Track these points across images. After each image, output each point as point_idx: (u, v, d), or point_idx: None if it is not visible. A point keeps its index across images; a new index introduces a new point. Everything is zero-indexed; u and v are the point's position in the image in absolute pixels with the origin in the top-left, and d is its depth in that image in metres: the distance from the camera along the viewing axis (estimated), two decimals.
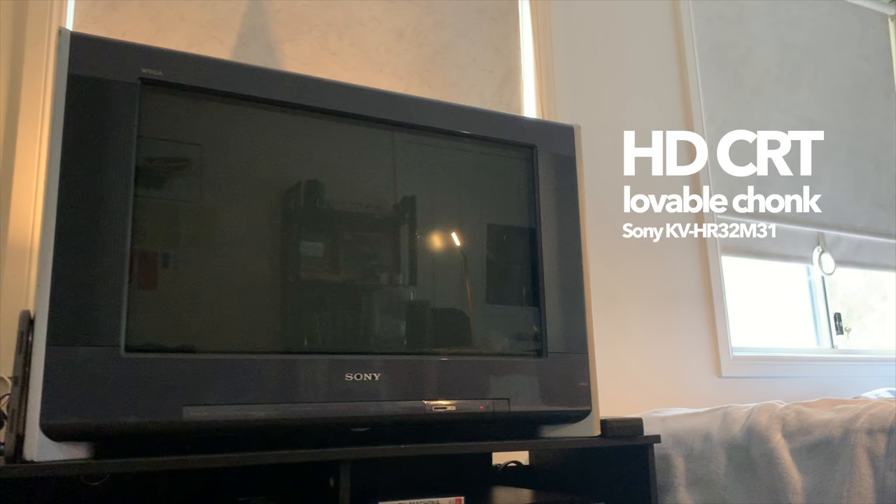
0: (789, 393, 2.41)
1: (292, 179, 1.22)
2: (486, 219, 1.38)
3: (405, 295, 1.26)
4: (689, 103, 2.47)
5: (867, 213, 2.90)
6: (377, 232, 1.27)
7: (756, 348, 2.52)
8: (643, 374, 2.16)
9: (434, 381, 1.23)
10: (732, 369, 2.31)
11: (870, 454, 1.12)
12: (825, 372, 2.54)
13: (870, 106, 3.02)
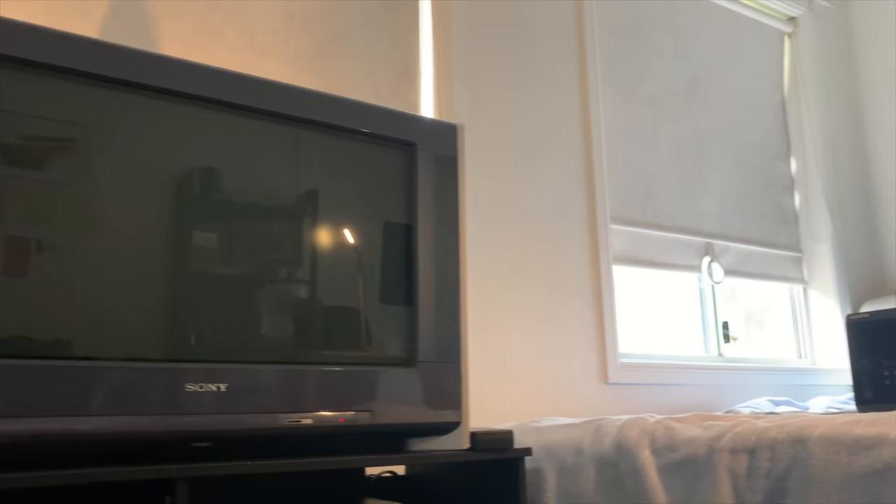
0: (676, 400, 2.44)
1: (152, 168, 1.10)
2: (358, 219, 1.30)
3: (259, 299, 1.17)
4: (588, 110, 2.46)
5: (755, 224, 2.97)
6: (233, 229, 1.17)
7: (643, 355, 2.54)
8: (530, 380, 2.13)
9: (289, 392, 1.14)
10: (619, 376, 2.31)
11: (731, 474, 1.11)
12: (712, 380, 2.59)
13: (760, 121, 3.10)
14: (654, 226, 2.65)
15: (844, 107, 3.31)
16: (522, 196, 2.24)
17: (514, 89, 2.31)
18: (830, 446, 1.01)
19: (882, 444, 0.96)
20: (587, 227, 2.38)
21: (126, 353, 1.04)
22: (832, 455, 1.00)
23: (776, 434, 1.09)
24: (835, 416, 1.09)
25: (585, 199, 2.40)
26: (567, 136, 2.40)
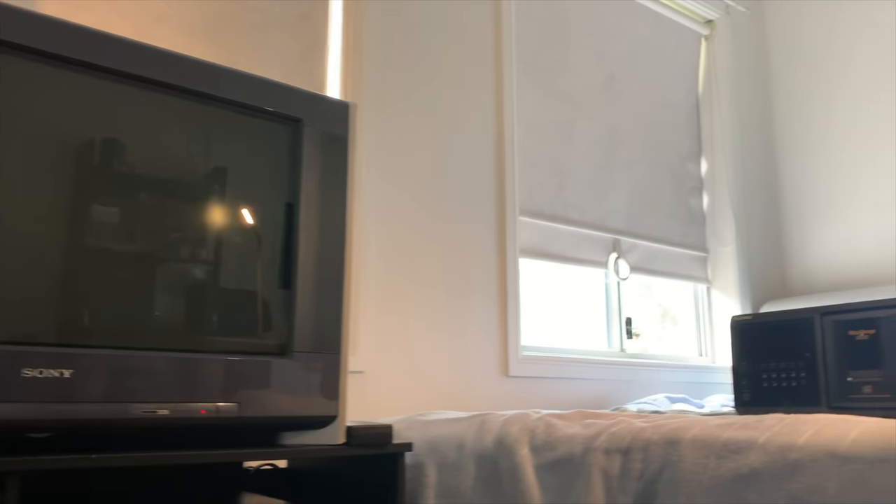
0: (577, 394, 2.44)
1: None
2: (233, 196, 1.22)
3: (111, 278, 1.07)
4: (502, 99, 2.42)
5: (663, 223, 3.01)
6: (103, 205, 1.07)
7: (546, 349, 2.54)
8: (429, 372, 2.09)
9: (143, 380, 1.06)
10: (520, 369, 2.29)
11: (605, 475, 1.09)
12: (613, 375, 2.61)
13: (674, 121, 3.14)
14: (564, 220, 2.65)
15: (755, 111, 3.38)
16: (430, 183, 2.19)
17: (426, 73, 2.25)
18: (701, 449, 1.00)
19: (750, 449, 0.95)
20: (495, 219, 2.35)
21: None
22: (702, 459, 0.99)
23: (650, 435, 1.07)
24: (710, 419, 1.08)
25: (495, 190, 2.36)
26: (479, 124, 2.36)
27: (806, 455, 0.90)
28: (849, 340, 1.11)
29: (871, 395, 1.07)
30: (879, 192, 3.01)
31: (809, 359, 1.15)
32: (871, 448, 0.86)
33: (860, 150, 3.09)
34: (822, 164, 3.20)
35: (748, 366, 1.21)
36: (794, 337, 1.17)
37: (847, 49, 3.18)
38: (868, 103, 3.09)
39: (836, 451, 0.88)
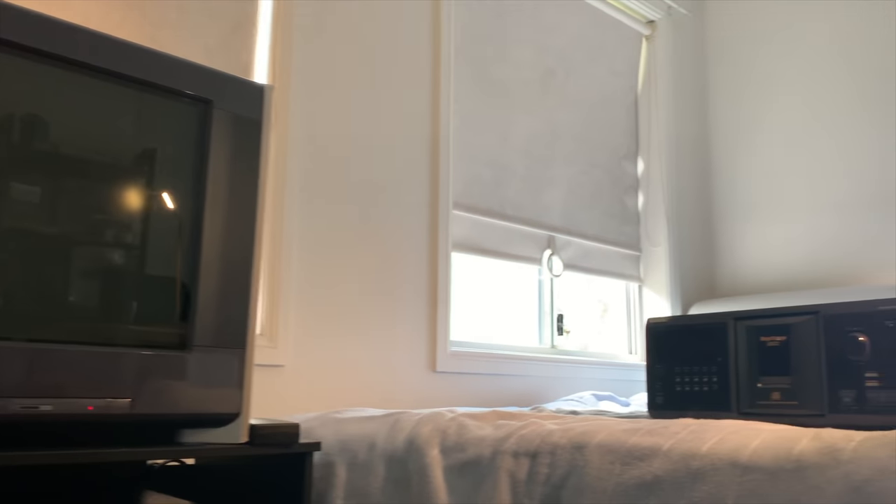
0: (506, 390, 2.42)
1: None
2: (139, 180, 1.15)
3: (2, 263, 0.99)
4: (438, 90, 2.38)
5: (598, 221, 3.02)
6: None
7: (475, 344, 2.52)
8: (354, 367, 2.04)
9: (25, 373, 0.98)
10: (448, 365, 2.26)
11: (512, 478, 1.06)
12: (542, 371, 2.60)
13: (612, 120, 3.15)
14: (501, 216, 2.62)
15: (692, 113, 3.42)
16: (360, 173, 2.13)
17: (359, 60, 2.19)
18: (606, 455, 0.98)
19: (654, 455, 0.94)
20: (428, 212, 2.31)
21: None
22: (607, 465, 0.97)
23: (558, 439, 1.05)
24: (618, 423, 1.06)
25: (428, 182, 2.32)
26: (414, 114, 2.31)
27: (708, 464, 0.89)
28: (760, 346, 1.10)
29: (778, 401, 1.07)
30: (811, 196, 3.08)
31: (722, 364, 1.14)
32: (771, 458, 0.85)
33: (792, 155, 3.15)
34: (754, 167, 3.26)
35: (662, 369, 1.20)
36: (708, 341, 1.17)
37: (782, 55, 3.24)
38: (799, 110, 3.15)
39: (737, 460, 0.87)
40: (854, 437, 0.83)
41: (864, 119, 2.96)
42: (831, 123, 3.05)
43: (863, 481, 0.78)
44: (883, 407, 0.98)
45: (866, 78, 2.98)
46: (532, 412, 1.47)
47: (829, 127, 3.05)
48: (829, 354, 1.04)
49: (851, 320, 1.02)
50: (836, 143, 3.02)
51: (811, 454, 0.83)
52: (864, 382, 1.00)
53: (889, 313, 0.99)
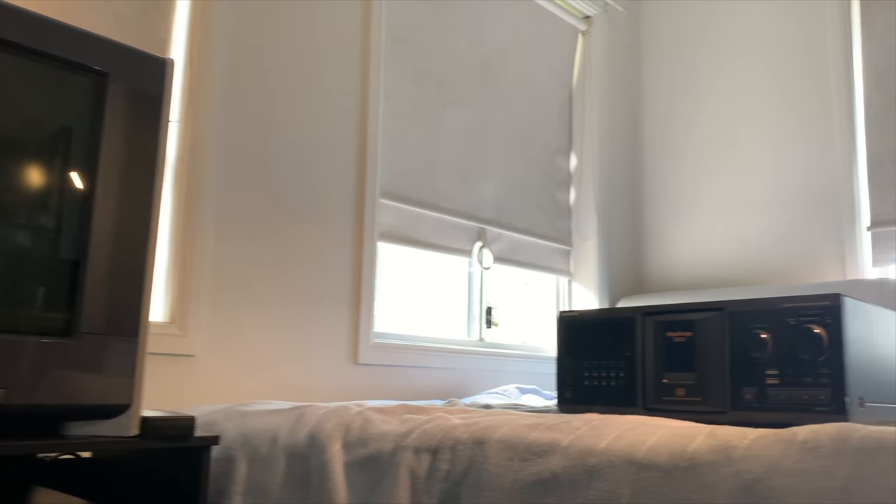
0: (430, 383, 2.39)
1: None
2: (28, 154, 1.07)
3: None
4: (368, 76, 2.33)
5: (530, 215, 3.01)
6: None
7: (399, 336, 2.48)
8: (272, 357, 1.98)
9: None
10: (370, 357, 2.22)
11: (412, 475, 1.03)
12: (468, 364, 2.58)
13: (546, 114, 3.15)
14: (431, 206, 2.59)
15: (625, 110, 3.45)
16: (283, 159, 2.06)
17: (286, 40, 2.12)
18: (506, 451, 0.95)
19: (553, 451, 0.92)
20: (354, 201, 2.25)
21: None
22: (506, 461, 0.95)
23: (460, 434, 1.02)
24: (523, 418, 1.04)
25: (355, 170, 2.27)
26: (342, 101, 2.25)
27: (605, 461, 0.87)
28: (667, 342, 1.10)
29: (683, 397, 1.06)
30: (739, 195, 3.13)
31: (629, 358, 1.13)
32: (666, 456, 0.83)
33: (721, 153, 3.20)
34: (684, 165, 3.30)
35: (572, 363, 1.19)
36: (617, 336, 1.15)
37: (714, 55, 3.28)
38: (730, 109, 3.20)
39: (633, 457, 0.85)
40: (748, 434, 0.82)
41: (792, 120, 3.03)
42: (760, 123, 3.11)
43: (753, 479, 0.77)
44: (782, 405, 0.98)
45: (794, 79, 3.04)
46: (444, 406, 1.44)
47: (758, 127, 3.11)
48: (733, 351, 1.03)
49: (755, 317, 1.02)
50: (764, 142, 3.08)
51: (705, 452, 0.81)
52: (765, 380, 1.00)
53: (791, 311, 0.99)
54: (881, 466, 0.71)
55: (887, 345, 1.04)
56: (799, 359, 0.97)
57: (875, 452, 0.72)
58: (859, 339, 0.97)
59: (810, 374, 0.96)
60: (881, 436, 0.74)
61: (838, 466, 0.73)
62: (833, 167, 2.89)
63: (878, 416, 0.99)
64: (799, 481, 0.74)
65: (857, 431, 0.75)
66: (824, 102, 2.94)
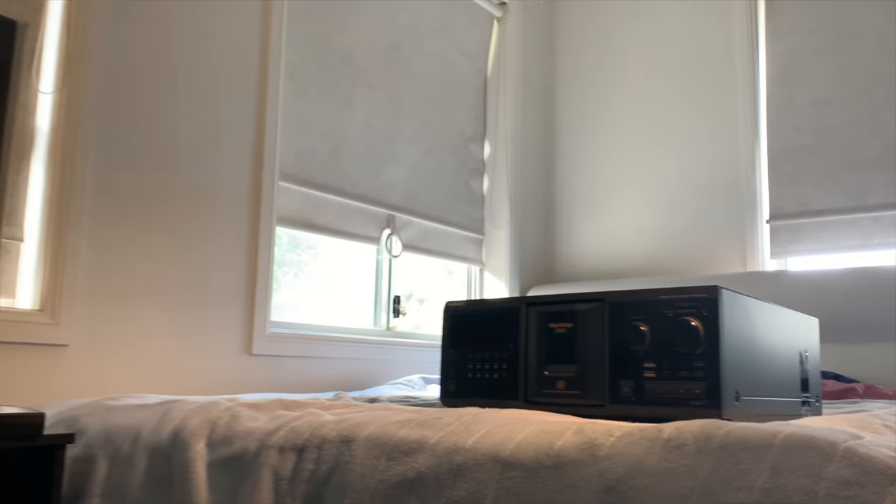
0: (331, 374, 2.32)
1: None
2: None
3: None
4: (268, 52, 2.22)
5: (442, 202, 2.97)
6: None
7: (299, 325, 2.39)
8: (156, 347, 1.87)
9: None
10: (266, 347, 2.13)
11: (275, 475, 0.96)
12: (372, 354, 2.52)
13: (460, 100, 3.10)
14: (336, 190, 2.51)
15: (539, 99, 3.43)
16: (171, 137, 1.94)
17: (179, 11, 2.00)
18: (373, 449, 0.90)
19: (420, 450, 0.87)
20: (250, 183, 2.15)
21: None
22: (372, 460, 0.89)
23: (328, 432, 0.96)
24: (397, 413, 0.99)
25: (252, 151, 2.17)
26: (238, 77, 2.14)
27: (471, 459, 0.82)
28: (549, 333, 1.06)
29: (563, 390, 1.03)
30: (648, 187, 3.16)
31: (512, 350, 1.09)
32: (532, 454, 0.80)
33: (631, 146, 3.23)
34: (595, 157, 3.32)
35: (456, 354, 1.14)
36: (502, 327, 1.11)
37: (626, 49, 3.30)
38: (640, 103, 3.23)
39: (498, 455, 0.81)
40: (614, 431, 0.79)
41: (699, 115, 3.07)
42: (669, 118, 3.14)
43: (616, 479, 0.73)
44: (658, 398, 0.95)
45: (702, 75, 3.09)
46: (328, 400, 1.38)
47: (667, 121, 3.15)
48: (612, 343, 1.01)
49: (634, 309, 1.00)
50: (673, 137, 3.12)
51: (570, 450, 0.78)
52: (643, 373, 0.97)
53: (669, 303, 0.96)
54: (743, 465, 0.68)
55: (765, 338, 1.04)
56: (676, 352, 0.95)
57: (737, 450, 0.70)
58: (736, 332, 0.95)
59: (686, 368, 0.94)
60: (744, 433, 0.71)
61: (700, 465, 0.70)
62: (737, 162, 2.95)
63: (754, 410, 0.98)
64: (661, 481, 0.71)
65: (720, 428, 0.73)
66: (730, 99, 3.00)
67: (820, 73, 2.80)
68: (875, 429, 0.90)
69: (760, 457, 0.68)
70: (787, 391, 1.09)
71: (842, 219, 2.69)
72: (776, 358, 1.07)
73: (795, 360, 1.13)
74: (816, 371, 1.22)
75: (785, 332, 1.11)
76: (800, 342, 1.16)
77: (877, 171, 2.63)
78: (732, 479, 0.68)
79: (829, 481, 0.64)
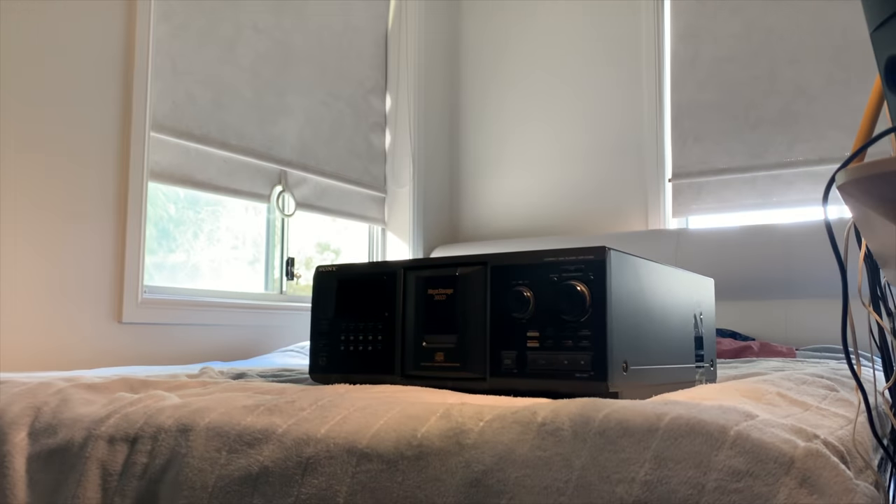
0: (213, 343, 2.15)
1: None
2: None
3: None
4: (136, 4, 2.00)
5: (340, 158, 2.81)
6: None
7: (178, 290, 2.21)
8: (10, 315, 1.66)
9: None
10: (139, 314, 1.95)
11: (104, 471, 0.82)
12: (264, 320, 2.37)
13: (359, 49, 2.92)
14: (220, 143, 2.31)
15: (443, 52, 3.29)
16: (24, 80, 1.71)
17: None
18: (213, 440, 0.77)
19: (267, 440, 0.75)
20: (118, 134, 1.94)
21: None
22: (213, 453, 0.76)
23: (165, 419, 0.82)
24: (247, 396, 0.86)
25: (120, 98, 1.95)
26: (102, 18, 1.91)
27: (323, 450, 0.71)
28: (428, 300, 0.95)
29: (442, 363, 0.93)
30: (553, 146, 3.09)
31: (388, 320, 0.98)
32: (392, 444, 0.69)
33: (537, 104, 3.14)
34: (500, 115, 3.22)
35: (327, 325, 1.02)
36: (377, 293, 1.00)
37: (532, 7, 3.19)
38: (546, 60, 3.13)
39: (354, 445, 0.70)
40: (485, 414, 0.69)
41: (605, 72, 3.00)
42: (574, 76, 3.06)
43: (483, 471, 0.64)
44: (542, 370, 0.86)
45: (608, 32, 3.01)
46: (188, 377, 1.24)
47: (572, 80, 3.07)
48: (494, 311, 0.91)
49: (517, 273, 0.90)
50: (578, 95, 3.04)
51: (435, 438, 0.67)
52: (526, 343, 0.88)
53: (554, 266, 0.87)
54: (623, 454, 0.60)
55: (658, 301, 0.96)
56: (561, 319, 0.85)
57: (617, 437, 0.61)
58: (626, 297, 0.87)
59: (571, 337, 0.85)
60: (626, 416, 0.62)
61: (576, 454, 0.61)
62: (641, 120, 2.90)
63: (644, 380, 0.90)
64: (533, 472, 0.62)
65: (600, 411, 0.64)
66: (635, 56, 2.94)
67: (724, 30, 2.77)
68: (770, 400, 0.84)
69: (642, 444, 0.59)
70: (680, 357, 1.02)
71: (742, 177, 2.69)
72: (669, 323, 0.99)
73: (690, 324, 1.07)
74: (712, 334, 1.16)
75: (679, 294, 1.04)
76: (694, 304, 1.09)
77: (776, 129, 2.63)
78: (612, 469, 0.59)
79: (718, 472, 0.56)
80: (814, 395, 0.94)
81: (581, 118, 3.02)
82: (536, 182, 3.10)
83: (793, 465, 0.55)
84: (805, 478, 0.54)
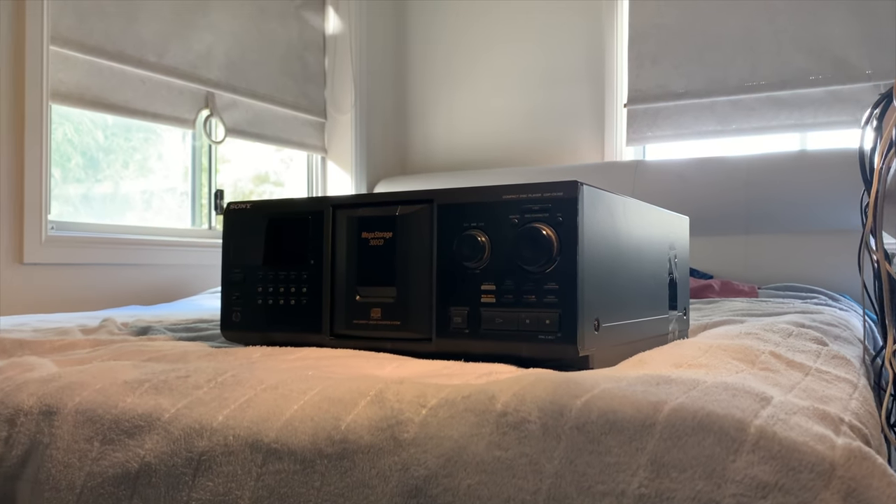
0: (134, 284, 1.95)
1: None
2: None
3: None
4: None
5: (273, 80, 2.57)
6: None
7: (89, 226, 1.99)
8: None
9: None
10: (44, 254, 1.74)
11: None
12: (189, 259, 2.17)
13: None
14: (135, 61, 2.06)
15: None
16: None
17: None
18: (84, 426, 0.61)
19: (150, 428, 0.59)
20: (10, 48, 1.68)
21: None
22: (82, 443, 0.60)
23: (26, 398, 0.65)
24: (135, 367, 0.69)
25: (9, 7, 1.68)
26: None
27: (220, 444, 0.55)
28: (362, 245, 0.79)
29: (379, 320, 0.77)
30: (505, 71, 2.89)
31: (315, 268, 0.81)
32: (308, 438, 0.54)
33: (488, 27, 2.92)
34: (450, 37, 2.99)
35: (241, 274, 0.85)
36: (301, 237, 0.83)
37: None
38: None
39: (259, 439, 0.54)
40: (428, 399, 0.54)
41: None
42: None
43: (424, 478, 0.49)
44: (498, 330, 0.72)
45: None
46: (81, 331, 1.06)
47: (528, 1, 2.85)
48: (442, 259, 0.75)
49: (471, 213, 0.74)
50: (532, 15, 2.84)
51: (363, 431, 0.52)
52: (480, 298, 0.73)
53: (514, 205, 0.71)
54: (610, 456, 0.45)
55: (632, 246, 0.82)
56: (522, 270, 0.70)
57: (602, 434, 0.46)
58: (599, 243, 0.72)
59: (535, 291, 0.70)
60: (612, 405, 0.48)
61: (548, 456, 0.47)
62: (598, 43, 2.72)
63: (617, 339, 0.77)
64: (490, 480, 0.47)
65: (577, 397, 0.49)
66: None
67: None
68: (765, 362, 0.71)
69: (635, 444, 0.45)
70: (654, 309, 0.89)
71: (701, 102, 2.55)
72: (644, 270, 0.85)
73: (664, 270, 0.93)
74: (686, 279, 1.03)
75: (654, 236, 0.90)
76: (668, 247, 0.96)
77: (737, 51, 2.49)
78: (594, 478, 0.45)
79: (737, 485, 0.42)
80: (806, 351, 0.82)
81: (535, 41, 2.83)
82: (488, 108, 2.91)
83: (833, 473, 0.41)
84: (850, 491, 0.41)
